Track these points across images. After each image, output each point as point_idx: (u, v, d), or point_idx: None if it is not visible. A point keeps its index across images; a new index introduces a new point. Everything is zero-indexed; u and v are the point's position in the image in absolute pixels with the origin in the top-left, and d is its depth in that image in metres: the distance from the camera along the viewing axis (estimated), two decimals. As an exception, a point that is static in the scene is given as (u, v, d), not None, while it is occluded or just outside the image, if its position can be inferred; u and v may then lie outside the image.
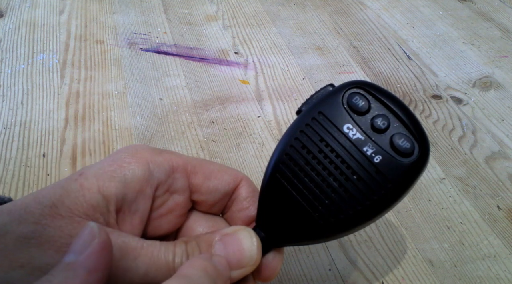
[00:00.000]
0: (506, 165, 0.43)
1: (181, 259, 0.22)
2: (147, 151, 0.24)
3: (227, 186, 0.26)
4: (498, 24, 0.63)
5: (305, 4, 0.67)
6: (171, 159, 0.24)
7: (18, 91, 0.50)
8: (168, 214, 0.25)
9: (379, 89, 0.24)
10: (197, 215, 0.27)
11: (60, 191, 0.21)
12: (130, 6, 0.66)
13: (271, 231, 0.24)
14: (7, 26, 0.61)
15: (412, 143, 0.22)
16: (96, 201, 0.21)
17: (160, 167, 0.24)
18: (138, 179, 0.23)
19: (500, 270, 0.35)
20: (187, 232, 0.26)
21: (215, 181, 0.25)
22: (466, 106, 0.50)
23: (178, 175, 0.25)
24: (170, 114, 0.48)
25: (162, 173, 0.24)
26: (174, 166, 0.24)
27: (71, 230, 0.20)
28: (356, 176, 0.22)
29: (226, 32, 0.61)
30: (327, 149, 0.23)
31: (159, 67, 0.54)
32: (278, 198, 0.24)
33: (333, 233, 0.23)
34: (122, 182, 0.22)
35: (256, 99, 0.50)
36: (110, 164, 0.23)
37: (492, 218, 0.38)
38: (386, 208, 0.23)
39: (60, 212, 0.21)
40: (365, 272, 0.34)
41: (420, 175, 0.23)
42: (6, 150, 0.43)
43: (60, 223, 0.20)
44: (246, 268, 0.23)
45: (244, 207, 0.26)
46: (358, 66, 0.55)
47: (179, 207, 0.25)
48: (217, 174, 0.26)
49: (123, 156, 0.23)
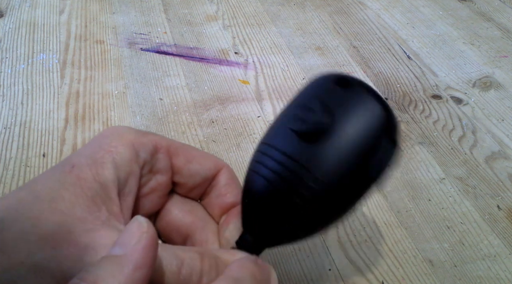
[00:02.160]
0: (506, 165, 0.43)
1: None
2: (131, 133, 0.24)
3: (208, 171, 0.26)
4: (498, 24, 0.63)
5: (305, 4, 0.67)
6: (155, 140, 0.25)
7: (18, 91, 0.50)
8: (150, 194, 0.25)
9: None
10: (176, 198, 0.27)
11: (57, 186, 0.21)
12: (130, 6, 0.66)
13: (258, 233, 0.24)
14: (7, 26, 0.61)
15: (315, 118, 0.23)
16: (95, 192, 0.21)
17: (145, 147, 0.24)
18: (127, 161, 0.23)
19: (500, 270, 0.35)
20: (165, 214, 0.26)
21: (196, 165, 0.26)
22: (466, 106, 0.50)
23: (161, 156, 0.25)
24: (170, 114, 0.48)
25: (147, 153, 0.24)
26: (158, 146, 0.25)
27: (70, 226, 0.20)
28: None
29: (226, 32, 0.61)
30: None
31: (159, 67, 0.54)
32: (258, 196, 0.24)
33: (315, 210, 0.23)
34: (113, 166, 0.22)
35: (256, 99, 0.50)
36: (97, 151, 0.23)
37: (492, 218, 0.38)
38: (355, 161, 0.22)
39: (59, 207, 0.20)
40: (365, 272, 0.34)
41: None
42: (6, 150, 0.43)
43: (59, 219, 0.20)
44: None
45: (222, 193, 0.26)
46: (358, 66, 0.55)
47: (161, 187, 0.25)
48: (199, 159, 0.26)
49: (109, 140, 0.23)
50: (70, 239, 0.20)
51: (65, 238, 0.20)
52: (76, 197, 0.21)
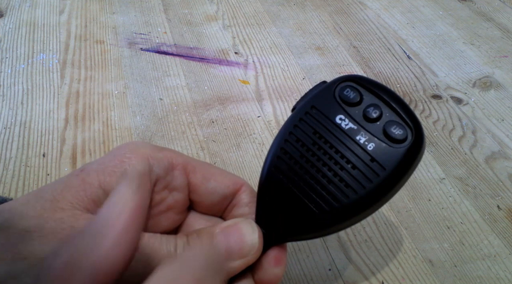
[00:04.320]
0: (506, 165, 0.43)
1: (183, 250, 0.22)
2: (147, 148, 0.24)
3: (226, 189, 0.26)
4: (498, 24, 0.63)
5: (305, 4, 0.67)
6: (171, 156, 0.25)
7: (18, 91, 0.50)
8: (167, 212, 0.25)
9: (370, 81, 0.24)
10: (197, 215, 0.27)
11: (61, 186, 0.21)
12: (130, 6, 0.66)
13: (270, 227, 0.24)
14: (7, 26, 0.61)
15: (405, 129, 0.23)
16: (97, 196, 0.22)
17: (159, 163, 0.24)
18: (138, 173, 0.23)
19: (500, 270, 0.35)
20: (186, 230, 0.26)
21: (214, 183, 0.25)
22: (466, 106, 0.50)
23: (177, 173, 0.25)
24: (170, 114, 0.48)
25: (161, 169, 0.24)
26: (174, 163, 0.24)
27: (72, 222, 0.20)
28: (350, 165, 0.22)
29: (226, 32, 0.61)
30: (321, 140, 0.23)
31: (159, 67, 0.54)
32: (275, 193, 0.24)
33: (330, 223, 0.23)
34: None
35: (256, 99, 0.50)
36: (110, 160, 0.23)
37: (492, 218, 0.38)
38: (382, 197, 0.23)
39: (61, 206, 0.21)
40: (365, 272, 0.34)
41: (415, 162, 0.23)
42: (6, 150, 0.43)
43: (61, 216, 0.20)
44: (247, 257, 0.23)
45: (246, 212, 0.26)
46: (358, 66, 0.55)
47: (178, 205, 0.25)
48: (217, 177, 0.26)
49: (124, 152, 0.24)
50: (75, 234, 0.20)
51: (70, 234, 0.20)
52: (77, 198, 0.21)
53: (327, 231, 0.24)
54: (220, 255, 0.21)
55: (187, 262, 0.17)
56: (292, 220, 0.23)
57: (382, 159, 0.22)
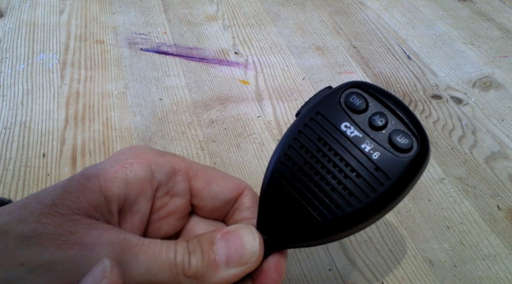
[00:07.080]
0: (506, 165, 0.43)
1: (183, 257, 0.21)
2: (149, 152, 0.24)
3: (228, 193, 0.25)
4: (498, 24, 0.63)
5: (305, 4, 0.67)
6: (173, 161, 0.24)
7: (18, 91, 0.50)
8: (168, 217, 0.25)
9: (376, 89, 0.24)
10: (198, 219, 0.26)
11: (61, 191, 0.21)
12: (130, 6, 0.66)
13: (271, 233, 0.24)
14: (7, 26, 0.61)
15: (411, 139, 0.22)
16: (97, 201, 0.21)
17: (161, 168, 0.24)
18: (140, 179, 0.23)
19: (500, 270, 0.35)
20: (187, 235, 0.26)
21: (216, 187, 0.25)
22: (466, 106, 0.50)
23: (179, 178, 0.24)
24: (170, 114, 0.48)
25: (163, 175, 0.24)
26: (176, 168, 0.24)
27: (71, 227, 0.20)
28: (355, 173, 0.22)
29: (226, 32, 0.61)
30: (325, 147, 0.23)
31: (159, 67, 0.54)
32: (278, 199, 0.23)
33: (332, 232, 0.23)
34: (124, 182, 0.22)
35: (256, 99, 0.50)
36: (112, 165, 0.23)
37: (492, 218, 0.38)
38: (386, 206, 0.23)
39: (60, 211, 0.21)
40: (365, 272, 0.34)
41: (420, 172, 0.23)
42: (6, 150, 0.43)
43: (60, 221, 0.20)
44: (248, 265, 0.23)
45: (247, 217, 0.26)
46: (358, 66, 0.55)
47: (179, 210, 0.25)
48: (219, 181, 0.25)
49: (125, 157, 0.23)
50: (73, 240, 0.20)
51: (68, 239, 0.20)
52: (77, 203, 0.21)
53: (329, 239, 0.24)
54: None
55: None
56: (294, 227, 0.23)
57: (387, 168, 0.22)
